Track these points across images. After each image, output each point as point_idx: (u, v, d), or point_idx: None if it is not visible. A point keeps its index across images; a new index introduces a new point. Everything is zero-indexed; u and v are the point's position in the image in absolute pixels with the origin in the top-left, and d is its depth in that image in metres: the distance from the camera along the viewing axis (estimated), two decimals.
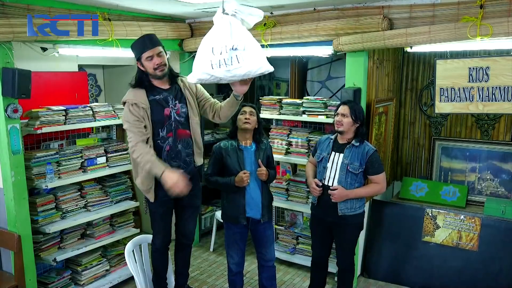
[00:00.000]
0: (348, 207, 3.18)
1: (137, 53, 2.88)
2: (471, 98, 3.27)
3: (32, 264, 3.32)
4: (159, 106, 2.94)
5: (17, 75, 2.92)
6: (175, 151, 2.99)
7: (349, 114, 3.14)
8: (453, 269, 3.91)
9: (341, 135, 3.23)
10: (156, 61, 2.86)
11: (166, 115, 2.95)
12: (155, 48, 2.85)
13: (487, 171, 4.54)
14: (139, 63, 2.92)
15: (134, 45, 2.91)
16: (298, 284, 4.12)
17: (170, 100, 2.97)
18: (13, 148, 3.12)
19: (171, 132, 2.96)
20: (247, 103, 3.40)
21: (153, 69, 2.88)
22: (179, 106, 3.00)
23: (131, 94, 2.93)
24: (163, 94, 2.97)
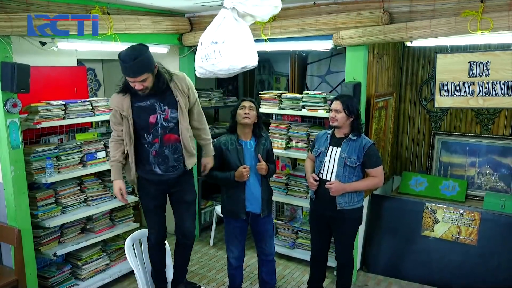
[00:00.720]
0: (347, 201, 3.19)
1: (121, 70, 2.72)
2: (471, 93, 3.26)
3: (32, 258, 3.32)
4: (144, 113, 2.84)
5: (16, 69, 2.91)
6: (162, 156, 2.90)
7: (341, 109, 3.14)
8: (452, 264, 3.93)
9: (337, 129, 3.24)
10: (138, 86, 2.71)
11: (151, 123, 2.84)
12: (136, 77, 2.66)
13: (486, 165, 4.54)
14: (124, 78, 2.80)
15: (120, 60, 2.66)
16: (298, 278, 4.14)
17: (157, 106, 2.84)
18: (13, 143, 3.11)
19: (157, 138, 2.87)
20: (247, 98, 3.40)
21: (136, 89, 2.75)
22: (168, 111, 2.86)
23: (115, 100, 2.87)
24: (149, 101, 2.83)
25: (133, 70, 2.64)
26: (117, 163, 2.97)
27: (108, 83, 5.24)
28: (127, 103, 2.81)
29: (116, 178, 2.96)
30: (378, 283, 4.03)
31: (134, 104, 2.82)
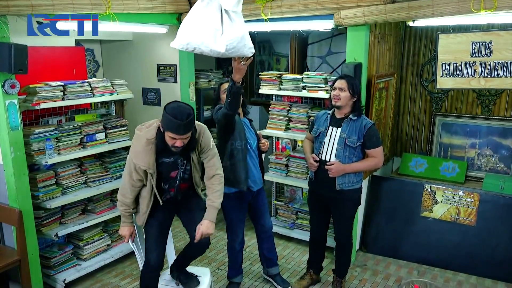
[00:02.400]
0: (346, 182, 3.20)
1: (165, 126, 2.58)
2: (473, 73, 3.23)
3: (34, 239, 3.35)
4: (167, 169, 2.76)
5: (13, 49, 2.88)
6: (174, 199, 2.90)
7: (346, 88, 3.11)
8: (450, 244, 3.96)
9: (338, 109, 3.22)
10: (178, 144, 2.59)
11: (172, 177, 2.80)
12: (185, 135, 2.59)
13: (487, 147, 4.54)
14: (162, 128, 2.62)
15: (166, 116, 2.54)
16: (297, 258, 4.18)
17: (179, 163, 2.78)
18: (12, 124, 3.10)
19: (173, 188, 2.84)
20: (224, 80, 3.38)
21: (170, 145, 2.62)
22: (186, 164, 2.81)
23: (141, 157, 2.65)
24: (173, 157, 2.74)
25: (184, 129, 2.55)
26: (131, 212, 2.88)
27: (107, 64, 5.20)
28: (152, 160, 2.67)
29: (128, 225, 2.89)
30: (377, 263, 4.08)
31: (158, 161, 2.71)
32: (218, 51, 2.54)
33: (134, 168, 2.68)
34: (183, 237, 4.50)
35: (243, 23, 2.58)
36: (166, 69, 4.80)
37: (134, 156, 2.67)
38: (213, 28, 2.52)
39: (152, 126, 2.70)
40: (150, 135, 2.66)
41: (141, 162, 2.64)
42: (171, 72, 4.76)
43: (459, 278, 3.82)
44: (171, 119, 2.50)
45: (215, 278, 3.78)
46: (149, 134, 2.66)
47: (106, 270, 3.92)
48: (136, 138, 2.71)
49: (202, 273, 3.03)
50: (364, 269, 3.96)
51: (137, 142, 2.69)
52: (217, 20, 2.53)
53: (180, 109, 2.56)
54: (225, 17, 2.52)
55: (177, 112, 2.53)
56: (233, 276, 3.59)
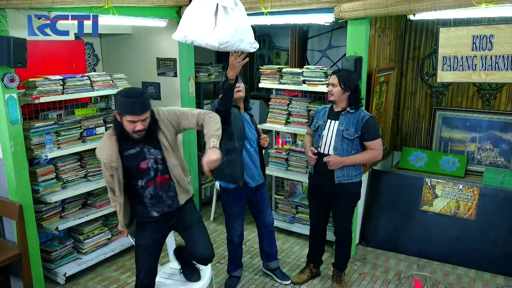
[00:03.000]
0: (345, 175, 3.20)
1: (120, 110, 2.44)
2: (474, 67, 3.22)
3: (34, 233, 3.36)
4: (134, 161, 2.56)
5: (12, 43, 2.87)
6: (157, 198, 2.64)
7: (337, 83, 3.14)
8: (450, 238, 3.97)
9: (335, 104, 3.24)
10: (138, 126, 2.43)
11: (143, 168, 2.57)
12: (143, 115, 2.42)
13: (487, 141, 4.54)
14: (118, 116, 2.47)
15: (119, 99, 2.42)
16: (297, 252, 4.19)
17: (146, 151, 2.56)
18: (11, 118, 3.10)
19: (150, 181, 2.60)
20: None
21: (131, 131, 2.46)
22: (155, 152, 2.58)
23: (104, 151, 2.53)
24: (138, 147, 2.54)
25: (141, 106, 2.41)
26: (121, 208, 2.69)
27: (107, 58, 5.18)
28: (115, 153, 2.51)
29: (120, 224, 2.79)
30: (377, 257, 4.09)
31: (123, 154, 2.53)
32: (212, 44, 2.54)
33: (103, 165, 2.59)
34: None
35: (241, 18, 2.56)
36: (166, 63, 4.78)
37: (98, 152, 2.59)
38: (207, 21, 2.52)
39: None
40: (111, 129, 2.57)
41: (104, 156, 2.53)
42: (171, 66, 4.75)
43: (458, 272, 3.83)
44: (125, 100, 2.39)
45: (215, 272, 3.80)
46: (111, 129, 2.58)
47: (106, 264, 3.93)
48: (102, 139, 2.64)
49: (203, 267, 3.03)
50: (364, 263, 3.98)
51: (102, 140, 2.62)
52: (211, 13, 2.53)
53: (132, 89, 2.55)
54: (220, 11, 2.52)
55: (129, 92, 2.44)
56: (232, 270, 3.60)
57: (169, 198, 2.67)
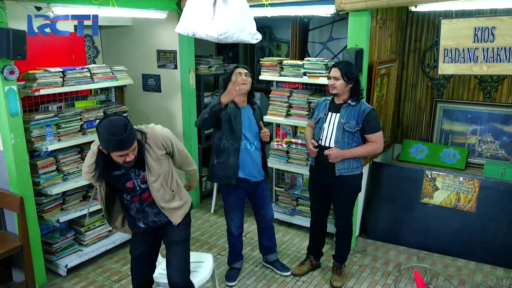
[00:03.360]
0: (345, 167, 3.20)
1: (107, 148, 2.29)
2: (475, 59, 3.21)
3: (35, 225, 3.37)
4: (120, 181, 2.48)
5: (11, 35, 2.86)
6: (143, 212, 2.58)
7: (340, 76, 3.12)
8: (450, 230, 3.98)
9: (337, 97, 3.22)
10: (129, 158, 2.31)
11: (129, 187, 2.50)
12: (130, 148, 2.28)
13: (488, 133, 4.53)
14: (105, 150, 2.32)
15: (103, 137, 2.25)
16: (298, 244, 4.20)
17: (132, 174, 2.48)
18: (11, 110, 3.09)
19: (135, 197, 2.53)
20: (240, 65, 3.36)
21: (122, 163, 2.34)
22: (143, 174, 2.48)
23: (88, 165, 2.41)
24: (124, 168, 2.44)
25: (127, 141, 2.26)
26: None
27: (107, 50, 5.16)
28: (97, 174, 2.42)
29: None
30: (377, 249, 4.10)
31: (110, 173, 2.44)
32: (212, 35, 2.53)
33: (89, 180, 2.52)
34: None
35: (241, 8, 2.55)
36: (166, 55, 4.76)
37: (83, 168, 2.48)
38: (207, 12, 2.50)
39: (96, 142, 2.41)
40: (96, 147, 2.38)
41: (87, 175, 2.45)
42: (171, 58, 4.73)
43: (458, 264, 3.84)
44: (109, 138, 2.22)
45: (216, 264, 3.81)
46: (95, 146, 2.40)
47: (107, 256, 3.95)
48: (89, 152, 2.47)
49: (204, 259, 3.04)
50: (364, 255, 3.99)
51: (88, 154, 2.46)
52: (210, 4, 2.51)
53: (113, 123, 2.26)
54: (218, 1, 2.50)
55: (111, 129, 2.23)
56: (233, 261, 3.62)
57: (154, 215, 2.59)
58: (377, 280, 3.60)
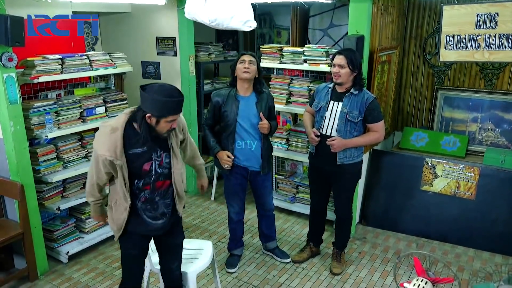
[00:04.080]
0: (347, 156, 3.20)
1: (161, 112, 2.20)
2: (477, 46, 3.18)
3: (36, 212, 3.38)
4: (138, 161, 2.32)
5: (9, 22, 2.83)
6: (152, 203, 2.43)
7: (346, 64, 3.06)
8: (449, 218, 3.99)
9: (341, 85, 3.18)
10: (174, 124, 2.29)
11: (145, 170, 2.35)
12: (180, 112, 2.30)
13: (488, 121, 4.52)
14: (153, 118, 2.22)
15: (158, 99, 2.18)
16: (298, 231, 4.22)
17: (153, 153, 2.35)
18: (10, 98, 3.08)
19: (148, 185, 2.38)
20: (247, 52, 3.31)
21: (166, 131, 2.29)
22: (163, 155, 2.39)
23: (106, 146, 2.23)
24: (146, 146, 2.31)
25: (180, 106, 2.25)
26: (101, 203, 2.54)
27: (106, 37, 5.12)
28: (120, 150, 2.24)
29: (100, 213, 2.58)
30: (376, 236, 4.12)
31: (128, 151, 2.28)
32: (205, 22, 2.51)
33: (99, 162, 2.28)
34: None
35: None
36: (165, 42, 4.73)
37: (99, 147, 2.26)
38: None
39: (118, 117, 2.32)
40: (117, 122, 2.27)
41: (106, 152, 2.22)
42: (171, 45, 4.70)
43: (457, 251, 3.86)
44: (167, 100, 2.17)
45: (216, 251, 3.83)
46: (115, 122, 2.28)
47: (108, 243, 3.97)
48: (99, 131, 2.32)
49: (204, 246, 3.06)
50: (364, 242, 4.01)
51: (100, 133, 2.30)
52: None
53: (166, 87, 2.25)
54: None
55: (169, 92, 2.22)
56: (233, 248, 3.64)
57: (164, 206, 2.47)
58: (377, 267, 3.62)
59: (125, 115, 2.29)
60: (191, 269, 2.80)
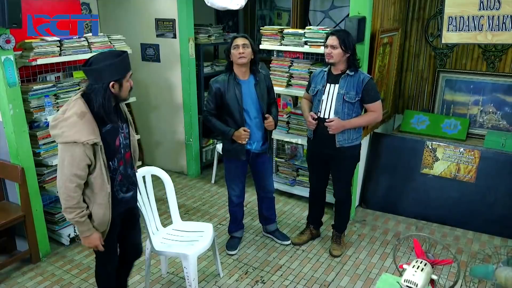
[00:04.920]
0: (346, 139, 3.19)
1: (120, 72, 2.19)
2: (480, 28, 3.14)
3: (37, 195, 3.39)
4: (111, 137, 2.28)
5: (6, 3, 2.79)
6: (126, 177, 2.42)
7: (338, 44, 3.04)
8: (449, 200, 4.01)
9: (333, 66, 3.16)
10: (131, 82, 2.30)
11: (117, 146, 2.33)
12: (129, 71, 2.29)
13: (490, 104, 4.50)
14: (116, 85, 2.18)
15: (111, 63, 2.15)
16: (298, 214, 4.25)
17: (119, 127, 2.33)
18: (9, 81, 3.06)
19: (122, 160, 2.37)
20: (239, 34, 3.25)
21: (127, 92, 2.28)
22: (124, 126, 2.38)
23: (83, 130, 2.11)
24: (113, 120, 2.26)
25: (129, 60, 2.27)
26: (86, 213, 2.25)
27: (104, 19, 5.06)
28: (97, 130, 2.17)
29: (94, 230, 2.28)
30: (376, 219, 4.15)
31: (101, 130, 2.21)
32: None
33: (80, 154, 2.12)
34: None
35: None
36: (164, 24, 4.68)
37: (79, 137, 2.10)
38: None
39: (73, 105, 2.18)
40: (79, 108, 2.15)
41: (91, 136, 2.12)
42: (170, 27, 4.64)
43: (456, 233, 3.89)
44: (119, 59, 2.17)
45: (217, 233, 3.86)
46: (76, 109, 2.15)
47: None
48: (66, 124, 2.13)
49: (204, 228, 3.08)
50: (363, 225, 4.03)
51: (68, 124, 2.12)
52: None
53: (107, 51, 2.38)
54: None
55: (113, 53, 2.29)
56: (233, 230, 3.66)
57: (133, 175, 2.49)
58: (376, 249, 3.65)
59: (81, 99, 2.18)
60: (192, 252, 2.82)
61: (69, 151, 2.12)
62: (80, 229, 2.24)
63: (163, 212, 3.92)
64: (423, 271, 1.74)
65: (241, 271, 3.36)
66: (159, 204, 3.65)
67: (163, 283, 3.23)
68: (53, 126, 2.17)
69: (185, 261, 2.81)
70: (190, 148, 5.04)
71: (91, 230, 2.25)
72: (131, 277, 3.14)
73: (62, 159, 2.15)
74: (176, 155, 5.18)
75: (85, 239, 2.27)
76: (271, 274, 3.32)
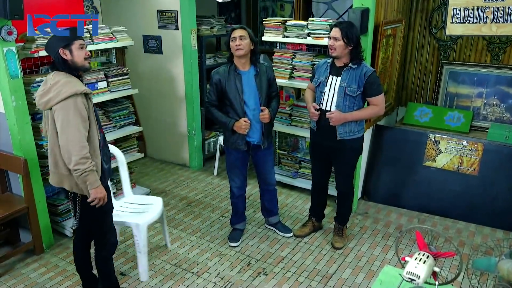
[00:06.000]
0: (347, 131, 3.18)
1: (68, 40, 2.38)
2: (485, 19, 3.12)
3: (40, 187, 3.40)
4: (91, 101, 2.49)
5: None
6: (106, 146, 2.62)
7: (340, 37, 3.02)
8: (452, 193, 4.00)
9: (336, 59, 3.15)
10: (88, 52, 2.47)
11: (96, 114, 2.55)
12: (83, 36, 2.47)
13: (494, 96, 4.48)
14: (65, 51, 2.37)
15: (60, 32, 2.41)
16: (300, 206, 4.25)
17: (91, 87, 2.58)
18: (11, 72, 3.05)
19: (101, 128, 2.59)
20: (236, 26, 3.23)
21: (83, 59, 2.43)
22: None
23: (77, 83, 2.39)
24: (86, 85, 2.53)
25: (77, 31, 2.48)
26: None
27: (106, 10, 5.04)
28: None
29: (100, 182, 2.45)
30: (378, 212, 4.15)
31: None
32: None
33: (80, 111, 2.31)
34: None
35: None
36: (167, 15, 4.65)
37: (77, 88, 2.32)
38: None
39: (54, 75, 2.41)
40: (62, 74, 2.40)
41: (83, 86, 2.38)
42: (172, 19, 4.62)
43: (458, 226, 3.89)
44: (65, 28, 2.42)
45: (219, 225, 3.87)
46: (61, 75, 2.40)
47: None
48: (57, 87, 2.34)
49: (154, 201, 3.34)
50: (365, 217, 4.04)
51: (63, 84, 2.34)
52: None
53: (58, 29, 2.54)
54: None
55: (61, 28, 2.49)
56: (235, 222, 3.67)
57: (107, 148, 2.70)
58: (378, 241, 3.65)
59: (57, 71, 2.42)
60: (142, 221, 3.05)
61: (71, 105, 2.29)
62: (90, 181, 2.36)
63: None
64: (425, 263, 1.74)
65: (243, 263, 3.37)
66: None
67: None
68: (43, 93, 2.36)
69: (136, 229, 3.00)
70: (192, 140, 5.04)
71: (99, 181, 2.41)
72: None
73: (64, 116, 2.29)
74: (178, 147, 5.18)
75: (96, 190, 2.40)
76: (273, 266, 3.33)
